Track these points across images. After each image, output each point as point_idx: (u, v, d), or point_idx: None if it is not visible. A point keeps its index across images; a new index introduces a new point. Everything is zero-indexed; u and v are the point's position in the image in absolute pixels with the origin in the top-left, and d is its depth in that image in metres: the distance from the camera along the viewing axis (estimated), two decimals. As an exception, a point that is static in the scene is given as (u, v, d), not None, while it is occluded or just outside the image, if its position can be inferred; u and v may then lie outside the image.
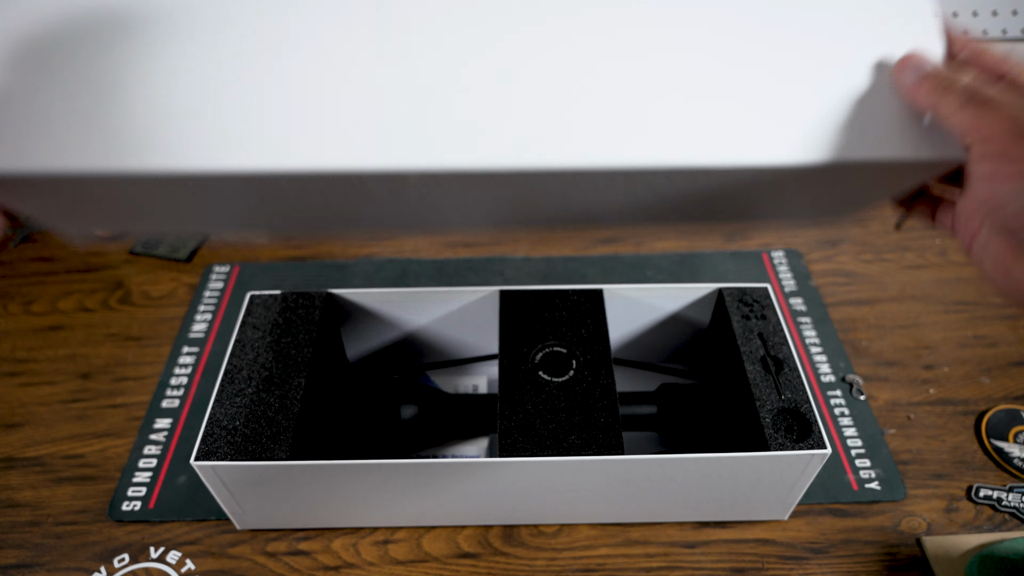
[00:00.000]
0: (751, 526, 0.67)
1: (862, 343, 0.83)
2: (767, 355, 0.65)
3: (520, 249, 0.95)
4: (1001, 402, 0.76)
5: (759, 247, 0.95)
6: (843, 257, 0.93)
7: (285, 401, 0.61)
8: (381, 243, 0.96)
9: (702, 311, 0.74)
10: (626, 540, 0.66)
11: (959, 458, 0.72)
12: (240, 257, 0.95)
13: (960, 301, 0.87)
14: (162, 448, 0.73)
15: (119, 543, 0.66)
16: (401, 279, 0.91)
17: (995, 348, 0.82)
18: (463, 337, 0.77)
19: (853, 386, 0.78)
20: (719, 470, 0.59)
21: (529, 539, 0.66)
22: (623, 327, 0.76)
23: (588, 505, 0.64)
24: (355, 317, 0.74)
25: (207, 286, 0.90)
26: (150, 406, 0.77)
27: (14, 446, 0.74)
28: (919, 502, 0.68)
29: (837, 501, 0.68)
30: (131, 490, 0.70)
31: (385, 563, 0.64)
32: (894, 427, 0.74)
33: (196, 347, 0.83)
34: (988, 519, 0.67)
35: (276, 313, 0.69)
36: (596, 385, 0.63)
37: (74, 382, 0.79)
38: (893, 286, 0.89)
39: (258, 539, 0.66)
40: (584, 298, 0.70)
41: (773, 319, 0.68)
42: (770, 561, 0.64)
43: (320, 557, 0.65)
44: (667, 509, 0.65)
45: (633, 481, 0.60)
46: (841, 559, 0.64)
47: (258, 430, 0.59)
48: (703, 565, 0.64)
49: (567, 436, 0.59)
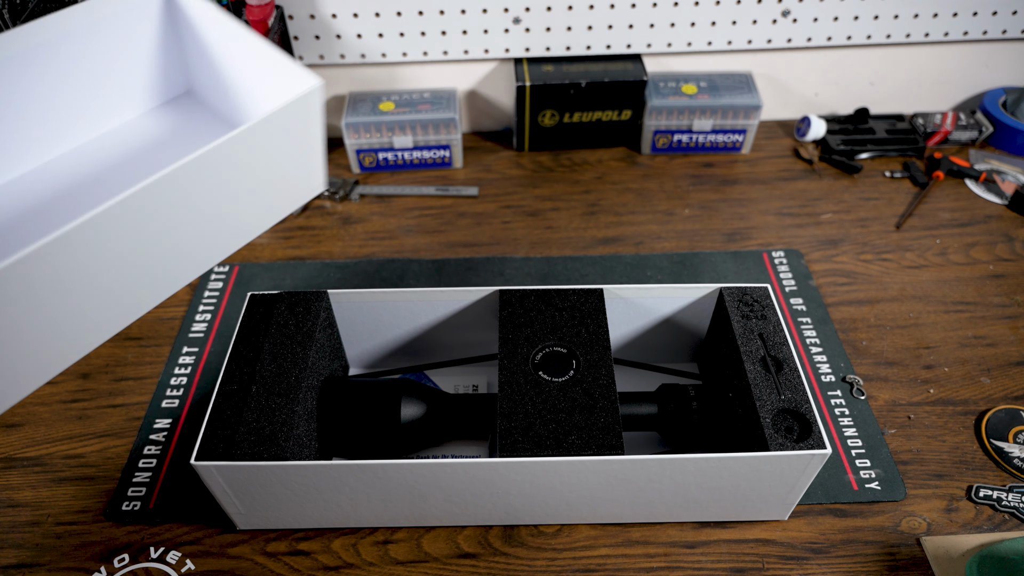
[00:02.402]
0: (751, 526, 0.67)
1: (862, 343, 0.83)
2: (767, 355, 0.65)
3: (520, 249, 0.95)
4: (1001, 402, 0.76)
5: (759, 247, 0.95)
6: (843, 257, 0.93)
7: (285, 401, 0.61)
8: (381, 243, 0.96)
9: (702, 311, 0.74)
10: (626, 540, 0.66)
11: (959, 458, 0.72)
12: (240, 257, 0.95)
13: (960, 301, 0.87)
14: (162, 448, 0.73)
15: (119, 543, 0.66)
16: (401, 279, 0.91)
17: (995, 348, 0.82)
18: (463, 337, 0.77)
19: (853, 386, 0.78)
20: (719, 470, 0.59)
21: (529, 539, 0.66)
22: (623, 327, 0.76)
23: (588, 505, 0.64)
24: (355, 317, 0.74)
25: (207, 286, 0.90)
26: (150, 406, 0.77)
27: (14, 446, 0.74)
28: (919, 502, 0.68)
29: (837, 501, 0.68)
30: (131, 490, 0.70)
31: (385, 563, 0.64)
32: (894, 427, 0.74)
33: (196, 347, 0.83)
34: (988, 519, 0.67)
35: (276, 313, 0.69)
36: (596, 385, 0.63)
37: (74, 382, 0.79)
38: (893, 286, 0.90)
39: (258, 539, 0.66)
40: (584, 298, 0.70)
41: (773, 319, 0.68)
42: (770, 561, 0.64)
43: (320, 557, 0.65)
44: (667, 509, 0.65)
45: (633, 481, 0.60)
46: (841, 559, 0.64)
47: (258, 430, 0.59)
48: (703, 565, 0.64)
49: (567, 436, 0.59)
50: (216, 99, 0.79)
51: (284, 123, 0.65)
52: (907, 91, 1.15)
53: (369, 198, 1.04)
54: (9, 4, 0.84)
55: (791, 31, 1.06)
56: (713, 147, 1.10)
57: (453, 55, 1.06)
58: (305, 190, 0.74)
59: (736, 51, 1.09)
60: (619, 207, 1.01)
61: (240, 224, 0.69)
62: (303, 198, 0.74)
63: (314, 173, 0.74)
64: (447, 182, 1.06)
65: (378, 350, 0.78)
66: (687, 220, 0.99)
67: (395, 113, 1.04)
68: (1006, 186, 1.02)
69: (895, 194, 1.03)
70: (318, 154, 0.72)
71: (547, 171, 1.08)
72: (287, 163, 0.70)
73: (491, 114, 1.15)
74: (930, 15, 1.05)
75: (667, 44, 1.07)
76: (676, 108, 1.06)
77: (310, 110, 0.68)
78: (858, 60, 1.11)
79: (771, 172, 1.07)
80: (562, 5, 1.02)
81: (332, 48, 1.04)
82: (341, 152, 1.11)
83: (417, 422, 0.67)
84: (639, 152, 1.11)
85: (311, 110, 0.68)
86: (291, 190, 0.73)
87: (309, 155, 0.71)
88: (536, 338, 0.67)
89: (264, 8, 0.92)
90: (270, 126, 0.64)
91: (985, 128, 1.09)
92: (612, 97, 1.05)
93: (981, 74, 1.14)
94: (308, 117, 0.68)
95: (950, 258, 0.93)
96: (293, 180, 0.72)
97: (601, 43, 1.07)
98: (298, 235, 0.98)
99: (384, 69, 1.08)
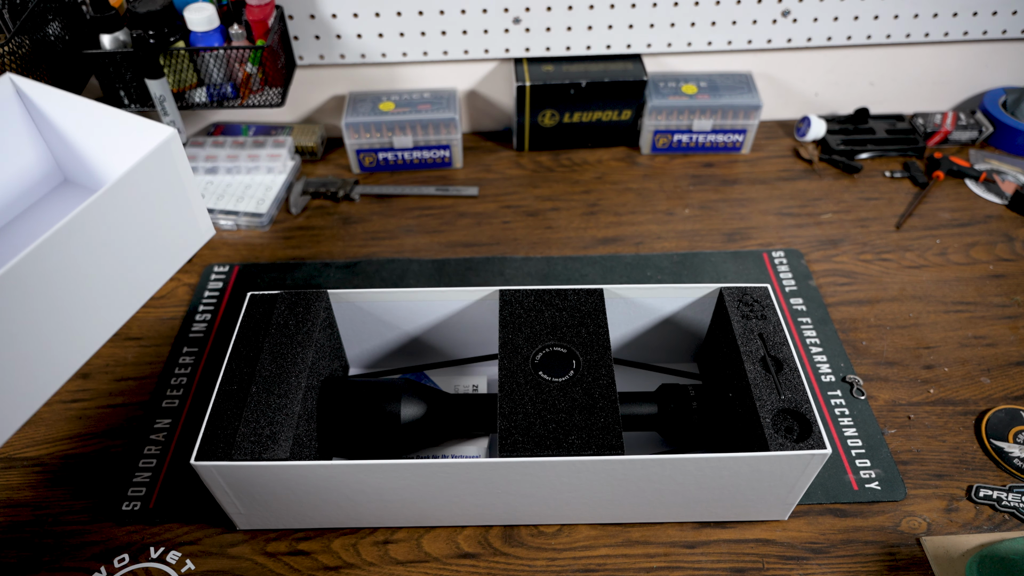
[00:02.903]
0: (751, 526, 0.67)
1: (862, 343, 0.83)
2: (767, 355, 0.65)
3: (520, 249, 0.95)
4: (1001, 402, 0.76)
5: (759, 247, 0.95)
6: (843, 257, 0.93)
7: (285, 401, 0.61)
8: (381, 243, 0.96)
9: (702, 311, 0.74)
10: (626, 540, 0.66)
11: (959, 458, 0.72)
12: (240, 257, 0.95)
13: (960, 301, 0.87)
14: (162, 448, 0.73)
15: (119, 543, 0.66)
16: (401, 279, 0.91)
17: (995, 348, 0.82)
18: (463, 337, 0.77)
19: (853, 386, 0.78)
20: (719, 470, 0.59)
21: (529, 539, 0.66)
22: (623, 327, 0.76)
23: (588, 505, 0.64)
24: (355, 317, 0.74)
25: (207, 286, 0.90)
26: (150, 406, 0.77)
27: (14, 446, 0.74)
28: (919, 502, 0.68)
29: (837, 501, 0.68)
30: (131, 490, 0.70)
31: (385, 563, 0.64)
32: (894, 427, 0.74)
33: (196, 347, 0.83)
34: (988, 519, 0.67)
35: (276, 313, 0.69)
36: (596, 385, 0.63)
37: (74, 382, 0.79)
38: (893, 286, 0.90)
39: (258, 539, 0.66)
40: (584, 298, 0.70)
41: (773, 319, 0.68)
42: (770, 561, 0.64)
43: (320, 557, 0.65)
44: (667, 509, 0.65)
45: (633, 481, 0.60)
46: (841, 559, 0.64)
47: (258, 430, 0.59)
48: (703, 565, 0.64)
49: (567, 436, 0.59)
50: (86, 177, 0.79)
51: (145, 179, 0.66)
52: (907, 91, 1.15)
53: (369, 198, 1.04)
54: (9, 4, 0.84)
55: (791, 31, 1.06)
56: (713, 147, 1.10)
57: (453, 55, 1.06)
58: (194, 239, 0.75)
59: (736, 51, 1.09)
60: (619, 207, 1.01)
61: (130, 287, 0.69)
62: (193, 247, 0.74)
63: (198, 220, 0.74)
64: (447, 182, 1.06)
65: (378, 350, 0.78)
66: (687, 220, 0.99)
67: (395, 113, 1.04)
68: (1006, 186, 1.02)
69: (895, 194, 1.03)
70: (194, 201, 0.73)
71: (547, 171, 1.08)
72: (162, 217, 0.70)
73: (491, 114, 1.15)
74: (930, 15, 1.05)
75: (667, 44, 1.07)
76: (676, 108, 1.06)
77: (170, 160, 0.68)
78: (858, 60, 1.11)
79: (771, 172, 1.07)
80: (562, 5, 1.02)
81: (332, 48, 1.04)
82: (341, 152, 1.11)
83: (417, 422, 0.67)
84: (639, 152, 1.11)
85: (171, 159, 0.69)
86: (177, 242, 0.73)
87: (184, 204, 0.72)
88: (536, 338, 0.67)
89: (264, 8, 0.92)
90: (129, 185, 0.65)
91: (985, 128, 1.09)
92: (612, 97, 1.05)
93: (981, 74, 1.14)
94: (170, 166, 0.69)
95: (950, 258, 0.93)
96: (176, 232, 0.72)
97: (601, 43, 1.07)
98: (298, 235, 0.98)
99: (384, 69, 1.08)
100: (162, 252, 0.72)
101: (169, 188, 0.70)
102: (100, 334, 0.67)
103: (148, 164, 0.66)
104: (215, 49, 0.91)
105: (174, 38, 0.90)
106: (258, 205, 1.00)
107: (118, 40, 0.89)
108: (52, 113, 0.74)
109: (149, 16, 0.88)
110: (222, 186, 1.03)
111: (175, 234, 0.73)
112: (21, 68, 0.83)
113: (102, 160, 0.76)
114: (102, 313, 0.66)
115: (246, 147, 1.06)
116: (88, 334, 0.66)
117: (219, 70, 0.93)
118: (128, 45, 0.90)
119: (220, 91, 0.95)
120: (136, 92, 0.93)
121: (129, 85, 0.92)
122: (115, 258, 0.66)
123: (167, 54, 0.90)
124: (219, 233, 0.98)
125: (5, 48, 0.80)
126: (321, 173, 1.08)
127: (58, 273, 0.61)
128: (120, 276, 0.67)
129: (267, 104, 0.96)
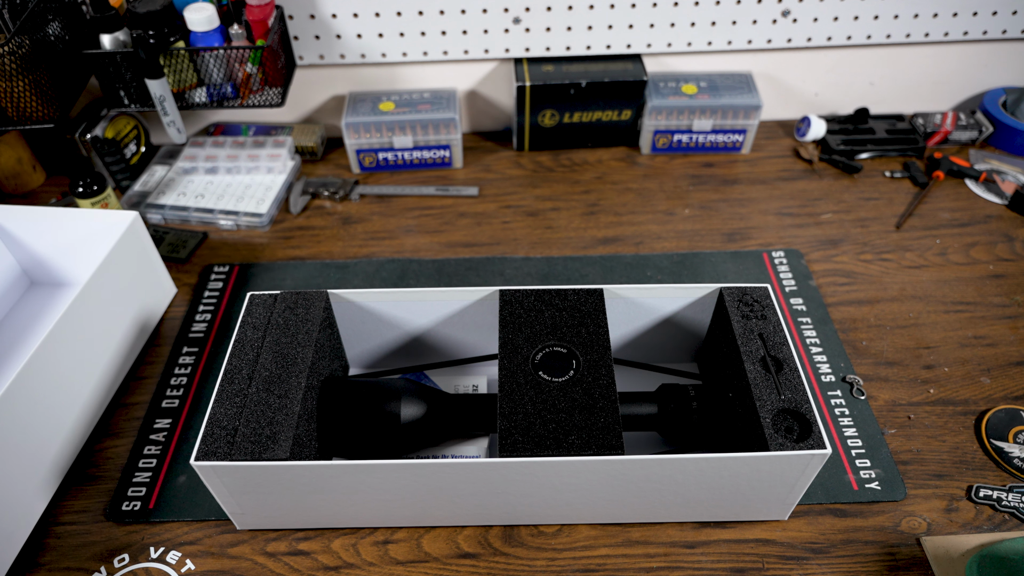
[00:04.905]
0: (751, 526, 0.67)
1: (862, 343, 0.83)
2: (767, 355, 0.65)
3: (520, 249, 0.95)
4: (1001, 402, 0.76)
5: (759, 247, 0.95)
6: (843, 257, 0.93)
7: (285, 401, 0.61)
8: (381, 243, 0.96)
9: (702, 311, 0.74)
10: (626, 540, 0.66)
11: (959, 458, 0.72)
12: (240, 257, 0.95)
13: (960, 301, 0.87)
14: (162, 448, 0.73)
15: (119, 543, 0.66)
16: (401, 279, 0.91)
17: (995, 348, 0.82)
18: (463, 337, 0.77)
19: (853, 386, 0.78)
20: (719, 470, 0.59)
21: (529, 539, 0.66)
22: (623, 327, 0.76)
23: (588, 505, 0.64)
24: (355, 317, 0.74)
25: (207, 286, 0.90)
26: (150, 406, 0.77)
27: (14, 446, 0.74)
28: (919, 502, 0.68)
29: (837, 501, 0.68)
30: (131, 490, 0.70)
31: (385, 563, 0.64)
32: (894, 427, 0.74)
33: (196, 347, 0.83)
34: (988, 519, 0.67)
35: (276, 313, 0.69)
36: (596, 385, 0.63)
37: (74, 382, 0.79)
38: (893, 286, 0.90)
39: (258, 539, 0.66)
40: (584, 298, 0.70)
41: (773, 319, 0.68)
42: (770, 561, 0.64)
43: (320, 557, 0.65)
44: (667, 509, 0.65)
45: (633, 481, 0.60)
46: (841, 559, 0.64)
47: (258, 430, 0.59)
48: (703, 565, 0.64)
49: (567, 436, 0.59)
50: (52, 277, 0.89)
51: (121, 258, 0.77)
52: (907, 91, 1.15)
53: (369, 198, 1.04)
54: (9, 4, 0.84)
55: (791, 31, 1.06)
56: (713, 147, 1.10)
57: (453, 55, 1.06)
58: (162, 300, 0.86)
59: (736, 51, 1.09)
60: (619, 207, 1.01)
61: (118, 360, 0.78)
62: (161, 308, 0.86)
63: (162, 283, 0.87)
64: (447, 182, 1.06)
65: (378, 350, 0.78)
66: (687, 220, 0.99)
67: (395, 113, 1.04)
68: (1006, 186, 1.02)
69: (895, 194, 1.03)
70: (158, 267, 0.85)
71: (547, 171, 1.08)
72: (138, 288, 0.81)
73: (491, 114, 1.15)
74: (930, 15, 1.05)
75: (667, 44, 1.07)
76: (676, 108, 1.06)
77: (135, 237, 0.80)
78: (858, 60, 1.11)
79: (771, 172, 1.07)
80: (562, 5, 1.02)
81: (332, 48, 1.04)
82: (341, 152, 1.11)
83: (417, 422, 0.67)
84: (639, 152, 1.11)
85: (136, 236, 0.80)
86: (151, 307, 0.84)
87: (152, 271, 0.84)
88: (536, 338, 0.67)
89: (264, 8, 0.92)
90: (108, 269, 0.75)
91: (985, 128, 1.09)
92: (612, 97, 1.05)
93: (981, 74, 1.14)
94: (137, 242, 0.80)
95: (950, 258, 0.93)
96: (150, 298, 0.84)
97: (601, 43, 1.07)
98: (298, 235, 0.98)
99: (384, 69, 1.08)
100: (139, 322, 0.82)
101: (140, 260, 0.81)
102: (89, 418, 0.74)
103: (121, 246, 0.77)
104: (215, 49, 0.91)
105: (174, 38, 0.90)
106: (258, 205, 1.00)
107: (118, 40, 0.89)
108: (15, 229, 0.84)
109: (149, 16, 0.88)
110: (222, 186, 1.03)
111: (151, 301, 0.84)
112: (21, 68, 0.83)
113: (68, 258, 0.86)
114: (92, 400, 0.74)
115: (246, 147, 1.06)
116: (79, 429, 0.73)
117: (219, 70, 0.93)
118: (128, 45, 0.90)
119: (220, 91, 0.95)
120: (136, 92, 0.93)
121: (129, 85, 0.92)
122: (105, 341, 0.76)
123: (167, 54, 0.90)
124: (219, 233, 0.98)
125: (5, 48, 0.81)
126: (321, 173, 1.08)
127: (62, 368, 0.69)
128: (108, 358, 0.76)
129: (267, 104, 0.96)
